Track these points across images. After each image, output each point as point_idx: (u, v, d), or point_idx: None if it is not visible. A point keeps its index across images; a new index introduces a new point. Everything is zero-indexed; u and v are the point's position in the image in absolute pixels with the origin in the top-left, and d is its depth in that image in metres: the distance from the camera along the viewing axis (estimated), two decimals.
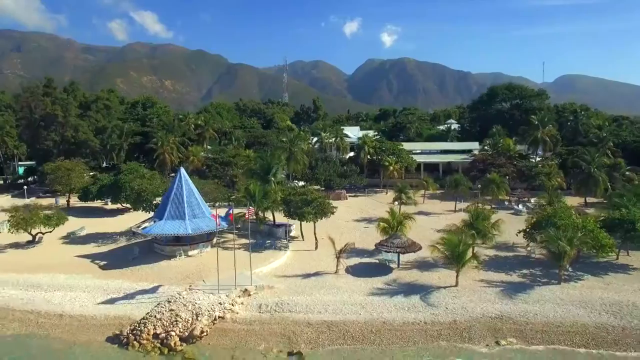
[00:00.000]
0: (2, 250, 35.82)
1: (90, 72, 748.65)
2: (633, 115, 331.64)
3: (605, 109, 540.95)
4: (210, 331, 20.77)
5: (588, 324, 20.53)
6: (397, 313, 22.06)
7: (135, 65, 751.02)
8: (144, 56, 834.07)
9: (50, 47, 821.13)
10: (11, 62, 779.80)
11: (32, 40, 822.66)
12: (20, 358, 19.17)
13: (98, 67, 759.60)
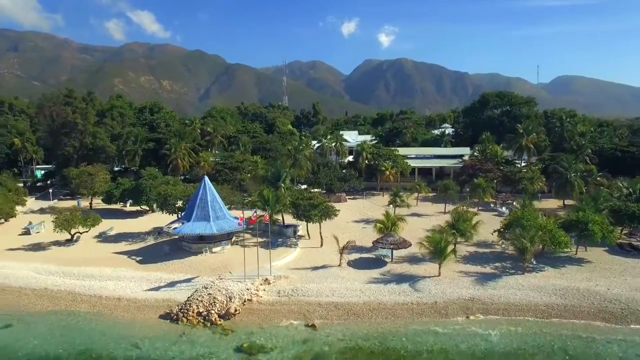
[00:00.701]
0: (47, 247, 41.18)
1: (87, 72, 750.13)
2: (625, 117, 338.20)
3: (600, 110, 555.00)
4: (242, 310, 26.28)
5: (539, 303, 26.19)
6: (390, 296, 27.64)
7: (132, 66, 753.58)
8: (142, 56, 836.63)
9: (47, 47, 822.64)
10: (8, 61, 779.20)
11: (28, 39, 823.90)
12: (96, 329, 24.53)
13: (95, 67, 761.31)
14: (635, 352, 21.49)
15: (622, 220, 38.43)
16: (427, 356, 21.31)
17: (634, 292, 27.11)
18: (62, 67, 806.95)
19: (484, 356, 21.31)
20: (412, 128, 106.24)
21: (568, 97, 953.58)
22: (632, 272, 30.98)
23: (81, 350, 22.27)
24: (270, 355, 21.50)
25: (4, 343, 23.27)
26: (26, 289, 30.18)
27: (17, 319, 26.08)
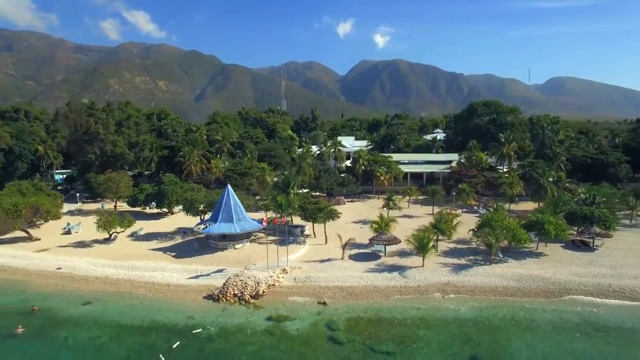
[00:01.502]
0: (90, 245, 48.46)
1: (83, 72, 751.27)
2: (615, 118, 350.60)
3: (592, 112, 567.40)
4: (267, 292, 33.78)
5: (498, 286, 33.94)
6: (383, 282, 35.24)
7: (128, 66, 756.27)
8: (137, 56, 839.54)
9: (42, 47, 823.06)
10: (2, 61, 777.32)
11: (23, 39, 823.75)
12: (156, 306, 31.90)
13: (91, 67, 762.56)
14: (560, 315, 29.28)
15: (576, 221, 46.35)
16: (410, 322, 28.88)
17: (573, 277, 34.99)
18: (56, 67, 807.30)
19: (452, 322, 28.93)
20: (406, 134, 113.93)
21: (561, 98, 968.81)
22: (577, 262, 38.88)
23: (151, 320, 29.63)
24: (294, 322, 29.01)
25: (92, 315, 30.59)
26: (91, 277, 37.57)
27: (93, 298, 33.41)
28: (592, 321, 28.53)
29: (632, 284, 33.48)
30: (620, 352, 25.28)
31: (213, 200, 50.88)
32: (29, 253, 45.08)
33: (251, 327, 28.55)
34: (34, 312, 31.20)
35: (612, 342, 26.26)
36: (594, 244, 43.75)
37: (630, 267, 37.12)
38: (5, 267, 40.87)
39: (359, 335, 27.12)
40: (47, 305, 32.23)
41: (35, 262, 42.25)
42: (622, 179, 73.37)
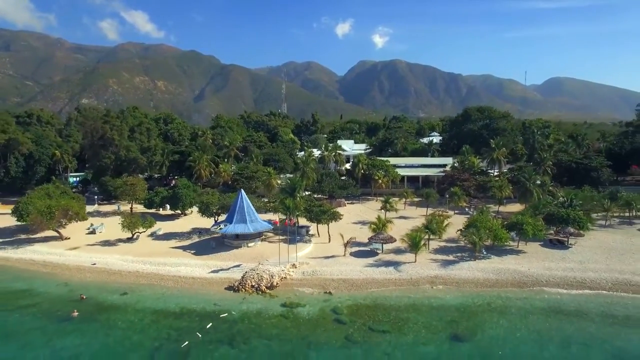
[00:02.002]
0: (115, 243, 53.84)
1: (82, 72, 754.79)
2: (611, 119, 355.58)
3: (589, 112, 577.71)
4: (280, 284, 39.24)
5: (480, 278, 39.48)
6: (380, 275, 40.75)
7: (127, 66, 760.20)
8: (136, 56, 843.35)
9: (40, 47, 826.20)
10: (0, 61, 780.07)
11: (21, 39, 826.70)
12: (185, 295, 37.28)
13: (90, 68, 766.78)
14: (529, 302, 34.83)
15: (554, 222, 51.91)
16: (403, 308, 34.34)
17: (544, 270, 40.59)
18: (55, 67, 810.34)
19: (438, 308, 34.43)
20: (403, 138, 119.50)
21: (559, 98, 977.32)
22: (551, 258, 44.47)
23: (182, 307, 35.04)
24: (304, 308, 34.45)
25: (130, 303, 35.98)
26: (124, 271, 43.01)
27: (129, 290, 38.80)
28: (554, 306, 34.11)
29: (594, 276, 39.08)
30: (573, 328, 30.80)
31: (226, 203, 56.34)
32: (63, 251, 50.48)
33: (268, 312, 34.00)
34: (83, 300, 36.59)
35: (569, 321, 31.83)
36: (568, 242, 49.36)
37: (595, 262, 42.75)
38: (47, 263, 46.32)
39: (360, 317, 32.63)
40: (91, 295, 37.64)
41: (71, 258, 47.69)
42: (604, 182, 78.98)
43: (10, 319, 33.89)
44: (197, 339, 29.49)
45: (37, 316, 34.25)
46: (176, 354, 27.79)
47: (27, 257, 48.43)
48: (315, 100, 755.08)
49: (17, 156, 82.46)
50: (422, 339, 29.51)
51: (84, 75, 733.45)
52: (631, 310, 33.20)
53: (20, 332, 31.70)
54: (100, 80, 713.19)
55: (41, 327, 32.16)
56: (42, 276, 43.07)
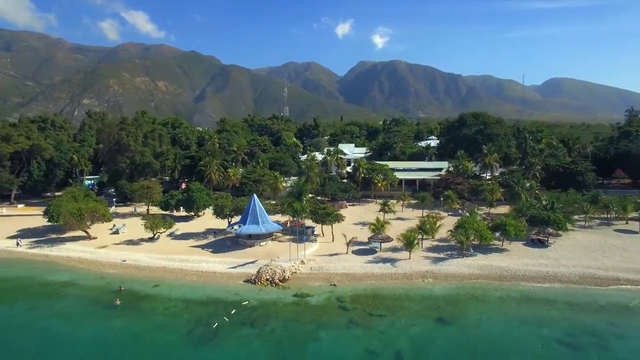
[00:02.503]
0: (138, 243, 59.74)
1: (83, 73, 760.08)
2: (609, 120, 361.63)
3: (589, 113, 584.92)
4: (291, 277, 45.20)
5: (465, 273, 45.46)
6: (378, 270, 46.74)
7: (128, 66, 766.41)
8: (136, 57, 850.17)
9: (41, 47, 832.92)
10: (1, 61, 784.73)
11: (22, 39, 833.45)
12: (208, 287, 43.21)
13: (90, 68, 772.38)
14: (507, 293, 40.81)
15: (536, 223, 57.86)
16: (397, 297, 40.28)
17: (523, 266, 46.58)
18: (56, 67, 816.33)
19: (428, 297, 40.39)
20: (401, 142, 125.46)
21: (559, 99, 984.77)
22: (530, 256, 50.44)
23: (208, 297, 41.01)
24: (313, 297, 40.41)
25: (163, 293, 41.96)
26: (152, 267, 49.00)
27: (159, 282, 44.79)
28: (527, 296, 40.13)
29: (565, 270, 45.09)
30: (540, 313, 36.72)
31: (239, 206, 62.33)
32: (93, 249, 56.49)
33: (282, 301, 39.98)
34: (121, 291, 42.52)
35: (537, 308, 37.81)
36: (547, 241, 55.33)
37: (568, 259, 48.74)
38: (82, 260, 52.33)
39: (360, 304, 38.63)
40: (127, 287, 43.59)
41: (103, 255, 53.70)
42: (588, 185, 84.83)
43: (64, 305, 40.03)
44: (224, 322, 35.46)
45: (86, 303, 40.30)
46: (209, 333, 33.74)
47: (64, 255, 54.47)
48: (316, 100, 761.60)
49: (39, 161, 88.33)
50: (413, 322, 35.50)
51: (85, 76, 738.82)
52: (591, 299, 39.16)
53: (76, 315, 37.80)
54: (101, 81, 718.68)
55: (92, 312, 38.22)
56: (80, 271, 49.11)
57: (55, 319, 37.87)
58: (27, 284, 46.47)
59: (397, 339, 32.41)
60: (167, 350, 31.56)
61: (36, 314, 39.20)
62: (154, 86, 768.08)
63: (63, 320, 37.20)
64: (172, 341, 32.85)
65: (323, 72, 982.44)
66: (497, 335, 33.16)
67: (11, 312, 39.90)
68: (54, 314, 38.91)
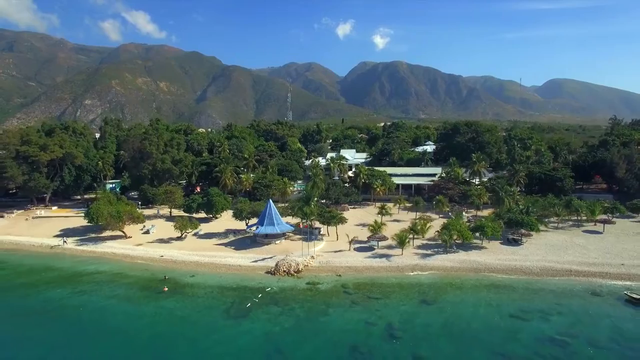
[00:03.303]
0: (169, 241, 69.80)
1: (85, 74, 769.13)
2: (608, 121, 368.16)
3: (590, 114, 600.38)
4: (304, 269, 55.32)
5: (447, 266, 55.57)
6: (376, 264, 56.85)
7: (130, 67, 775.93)
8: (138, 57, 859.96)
9: (43, 47, 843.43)
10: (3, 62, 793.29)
11: (24, 39, 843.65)
12: (235, 277, 53.24)
13: (92, 69, 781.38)
14: (480, 282, 50.84)
15: (512, 225, 67.86)
16: (390, 284, 50.29)
17: (496, 261, 56.64)
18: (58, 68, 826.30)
19: (415, 284, 50.44)
20: (399, 149, 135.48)
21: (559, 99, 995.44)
22: (504, 253, 60.47)
23: (238, 284, 51.06)
24: (322, 284, 50.48)
25: (199, 282, 52.04)
26: (186, 261, 59.13)
27: (194, 273, 54.93)
28: (495, 284, 50.22)
29: (529, 265, 55.15)
30: (503, 296, 46.75)
31: (255, 210, 72.44)
32: (132, 246, 66.63)
33: (298, 287, 50.07)
34: (166, 279, 52.60)
35: (501, 293, 47.84)
36: (521, 240, 65.39)
37: (535, 255, 58.80)
38: (126, 255, 62.52)
39: (361, 290, 48.72)
40: (170, 277, 53.67)
41: (142, 252, 63.84)
42: (567, 190, 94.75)
43: (120, 291, 50.20)
44: (254, 303, 45.55)
45: (138, 289, 50.47)
46: (243, 311, 43.82)
47: (109, 251, 64.67)
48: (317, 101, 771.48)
49: (69, 167, 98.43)
50: (402, 303, 45.57)
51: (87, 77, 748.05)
52: (545, 286, 49.24)
53: (132, 297, 47.98)
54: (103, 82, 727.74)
55: (146, 296, 48.37)
56: (127, 264, 59.33)
57: (115, 300, 48.08)
58: (83, 273, 56.73)
59: (389, 315, 42.40)
60: (212, 324, 41.58)
61: (97, 296, 49.34)
62: (155, 87, 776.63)
63: (122, 302, 47.38)
64: (215, 318, 42.92)
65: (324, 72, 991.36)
66: (467, 313, 43.15)
67: (74, 295, 49.94)
68: (112, 296, 49.04)
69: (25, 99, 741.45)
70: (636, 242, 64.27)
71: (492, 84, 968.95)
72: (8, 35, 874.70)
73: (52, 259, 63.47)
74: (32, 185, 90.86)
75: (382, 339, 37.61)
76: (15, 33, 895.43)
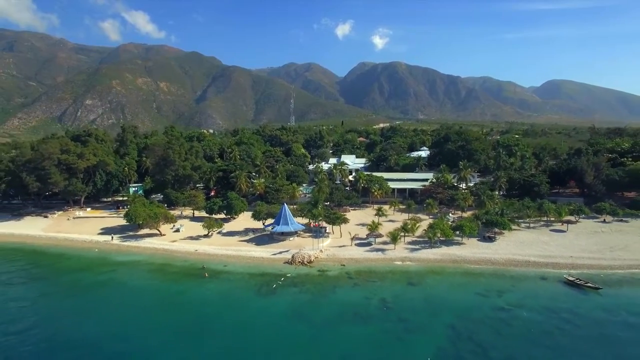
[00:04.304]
0: (198, 238, 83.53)
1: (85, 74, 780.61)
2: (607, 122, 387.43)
3: (589, 115, 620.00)
4: (314, 260, 69.19)
5: (431, 258, 69.53)
6: (373, 256, 70.77)
7: (130, 67, 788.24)
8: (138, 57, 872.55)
9: (43, 47, 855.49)
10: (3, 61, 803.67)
11: (24, 39, 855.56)
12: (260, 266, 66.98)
13: (93, 69, 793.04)
14: (456, 270, 64.73)
15: (489, 225, 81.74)
16: (384, 272, 64.10)
17: (471, 254, 70.57)
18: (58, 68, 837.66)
19: (404, 272, 64.29)
20: (396, 155, 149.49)
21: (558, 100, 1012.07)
22: (479, 248, 74.36)
23: (262, 272, 64.88)
24: (330, 271, 64.35)
25: (231, 269, 65.82)
26: (217, 254, 72.90)
27: (227, 264, 68.73)
28: (468, 272, 64.12)
29: (498, 257, 69.03)
30: (473, 281, 60.59)
31: (271, 211, 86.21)
32: (168, 242, 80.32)
33: (311, 274, 63.86)
34: (204, 268, 66.30)
35: (472, 278, 61.70)
36: (494, 238, 79.29)
37: (504, 250, 72.69)
38: (165, 249, 76.28)
39: (361, 275, 62.61)
40: (207, 266, 67.40)
41: (178, 247, 77.54)
42: (543, 194, 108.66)
43: (168, 277, 64.01)
44: (278, 284, 59.37)
45: (185, 275, 64.27)
46: (270, 290, 57.61)
47: (150, 246, 78.41)
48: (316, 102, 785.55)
49: (101, 173, 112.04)
50: (393, 284, 59.43)
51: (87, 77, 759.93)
52: (507, 273, 63.12)
53: (183, 281, 61.85)
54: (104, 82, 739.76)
55: (191, 280, 62.16)
56: (168, 257, 73.02)
57: (168, 282, 61.97)
58: (136, 263, 70.55)
59: (382, 293, 56.20)
60: (249, 299, 55.32)
61: (154, 279, 63.26)
62: (155, 87, 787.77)
63: (175, 284, 61.23)
64: (250, 295, 56.71)
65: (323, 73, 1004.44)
66: (442, 291, 57.00)
67: (135, 278, 63.77)
68: (166, 280, 62.94)
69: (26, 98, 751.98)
70: (589, 239, 78.41)
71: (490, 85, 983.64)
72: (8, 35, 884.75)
73: (105, 252, 77.25)
74: (71, 189, 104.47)
75: (377, 308, 51.54)
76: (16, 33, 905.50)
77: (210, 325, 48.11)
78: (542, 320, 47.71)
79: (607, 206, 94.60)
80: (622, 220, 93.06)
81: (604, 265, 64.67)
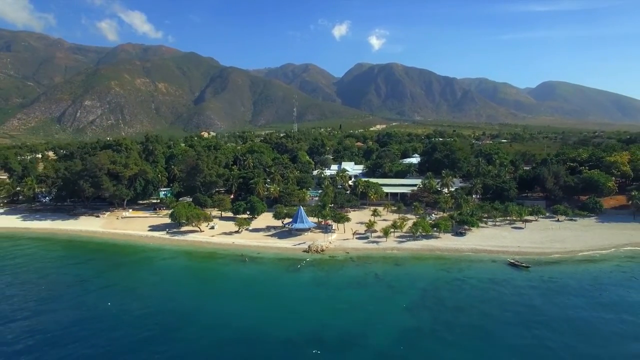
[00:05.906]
0: (230, 234, 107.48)
1: (83, 74, 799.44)
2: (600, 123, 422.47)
3: (583, 116, 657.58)
4: (325, 249, 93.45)
5: (414, 248, 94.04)
6: (370, 246, 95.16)
7: (128, 68, 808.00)
8: (135, 57, 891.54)
9: (40, 47, 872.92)
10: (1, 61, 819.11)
11: (21, 39, 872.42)
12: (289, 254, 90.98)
13: (91, 70, 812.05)
14: (431, 256, 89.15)
15: (461, 223, 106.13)
16: (378, 257, 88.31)
17: (444, 245, 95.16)
18: (55, 68, 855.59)
19: (393, 257, 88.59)
20: (390, 162, 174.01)
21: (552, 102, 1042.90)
22: (451, 240, 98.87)
23: (287, 257, 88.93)
24: (338, 257, 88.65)
25: (263, 257, 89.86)
26: (250, 246, 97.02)
27: (259, 252, 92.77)
28: (440, 257, 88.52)
29: (464, 247, 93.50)
30: (443, 264, 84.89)
31: (289, 212, 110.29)
32: (209, 237, 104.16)
33: (324, 258, 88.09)
34: (242, 256, 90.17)
35: (442, 262, 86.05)
36: (464, 233, 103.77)
37: (470, 242, 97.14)
38: (210, 242, 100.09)
39: (360, 260, 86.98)
40: (245, 254, 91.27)
41: (217, 240, 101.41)
42: (512, 198, 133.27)
43: (217, 262, 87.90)
44: (302, 265, 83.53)
45: (230, 261, 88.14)
46: (296, 269, 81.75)
47: (196, 240, 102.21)
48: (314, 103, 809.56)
49: (140, 180, 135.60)
50: (384, 265, 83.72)
51: (86, 77, 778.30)
52: (467, 258, 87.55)
53: (230, 264, 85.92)
54: (102, 82, 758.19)
55: (235, 264, 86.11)
56: (212, 248, 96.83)
57: (220, 265, 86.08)
58: (189, 252, 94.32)
59: (376, 270, 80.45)
60: (280, 275, 79.39)
61: (208, 263, 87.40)
62: (154, 88, 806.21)
63: (225, 266, 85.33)
64: (281, 272, 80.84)
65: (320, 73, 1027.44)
66: (419, 269, 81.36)
67: (194, 263, 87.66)
68: (218, 264, 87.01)
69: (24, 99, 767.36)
70: (540, 234, 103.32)
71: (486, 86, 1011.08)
72: (5, 34, 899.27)
73: (160, 244, 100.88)
74: (118, 193, 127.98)
75: (372, 278, 75.97)
76: (13, 33, 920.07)
77: (258, 291, 72.18)
78: (484, 286, 72.28)
79: (561, 208, 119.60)
80: (572, 219, 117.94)
81: (540, 252, 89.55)
